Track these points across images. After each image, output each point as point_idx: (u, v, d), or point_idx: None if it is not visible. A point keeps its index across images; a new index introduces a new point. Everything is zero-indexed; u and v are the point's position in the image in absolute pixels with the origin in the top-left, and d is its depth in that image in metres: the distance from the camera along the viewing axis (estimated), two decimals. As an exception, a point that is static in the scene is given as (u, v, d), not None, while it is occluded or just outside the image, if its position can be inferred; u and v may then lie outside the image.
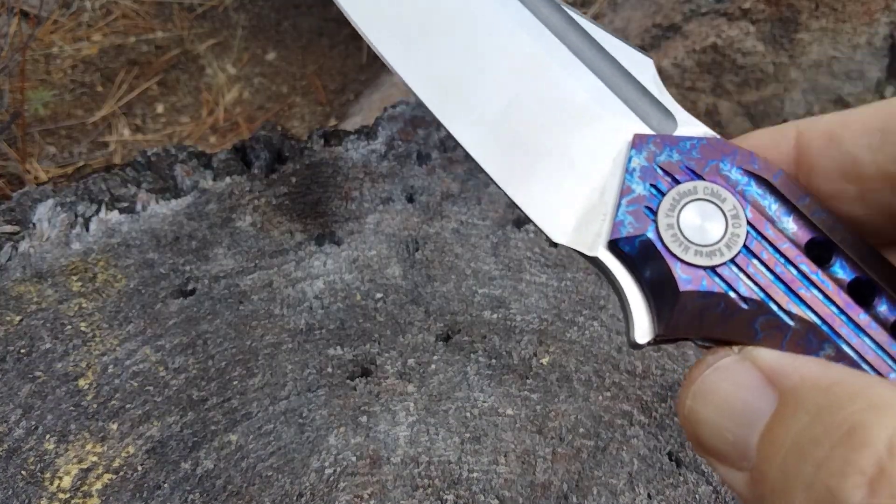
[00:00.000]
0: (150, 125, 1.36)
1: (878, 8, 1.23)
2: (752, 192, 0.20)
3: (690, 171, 0.20)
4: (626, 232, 0.20)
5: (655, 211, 0.20)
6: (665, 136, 0.21)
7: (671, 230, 0.20)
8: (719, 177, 0.20)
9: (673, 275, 0.20)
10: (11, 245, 0.56)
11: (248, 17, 1.52)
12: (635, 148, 0.21)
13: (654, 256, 0.20)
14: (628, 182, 0.21)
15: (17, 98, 1.19)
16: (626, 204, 0.21)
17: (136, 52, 1.42)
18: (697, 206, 0.20)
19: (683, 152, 0.21)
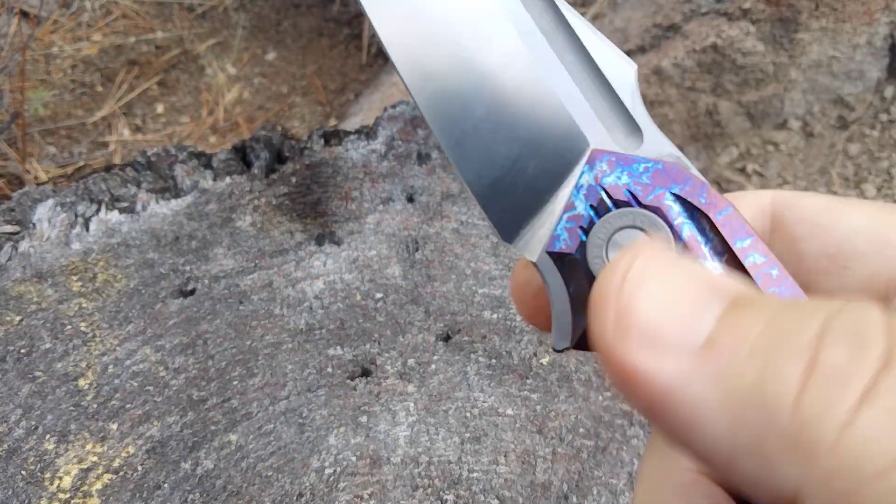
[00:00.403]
0: (150, 125, 1.36)
1: (877, 8, 1.23)
2: (689, 226, 0.20)
3: (633, 197, 0.21)
4: (558, 247, 0.21)
5: (587, 231, 0.21)
6: (620, 156, 0.21)
7: (597, 251, 0.20)
8: (661, 205, 0.20)
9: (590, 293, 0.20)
10: (11, 245, 0.56)
11: (248, 17, 1.52)
12: (588, 164, 0.21)
13: (578, 275, 0.21)
14: (573, 198, 0.21)
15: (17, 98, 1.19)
16: (566, 219, 0.21)
17: (136, 52, 1.42)
18: (630, 234, 0.20)
19: (634, 175, 0.21)
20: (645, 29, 1.25)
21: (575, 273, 0.21)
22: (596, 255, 0.20)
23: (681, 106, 1.28)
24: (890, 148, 1.26)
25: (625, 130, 0.22)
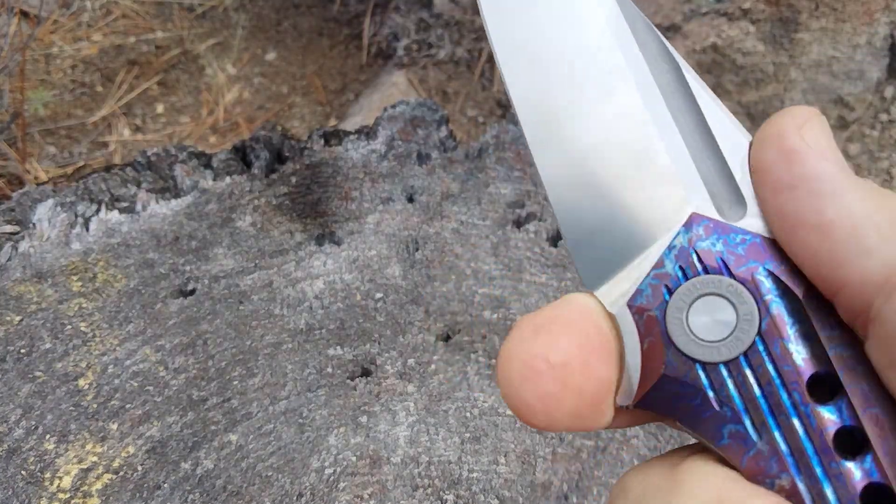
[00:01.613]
0: (150, 125, 1.36)
1: (877, 8, 1.23)
2: (778, 305, 0.20)
3: (724, 265, 0.20)
4: (639, 302, 0.21)
5: (672, 292, 0.20)
6: (719, 224, 0.21)
7: (678, 315, 0.20)
8: (753, 279, 0.20)
9: (663, 356, 0.20)
10: (11, 245, 0.56)
11: (248, 17, 1.52)
12: (685, 226, 0.21)
13: (654, 334, 0.20)
14: (664, 257, 0.21)
15: (17, 98, 1.19)
16: (652, 276, 0.21)
17: (136, 52, 1.42)
18: (714, 301, 0.20)
19: (729, 245, 0.20)
20: (645, 29, 1.24)
21: (650, 331, 0.20)
22: (676, 316, 0.20)
23: (681, 106, 1.28)
24: (890, 148, 1.26)
25: (729, 200, 0.21)
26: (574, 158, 0.22)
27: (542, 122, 0.23)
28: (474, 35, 1.37)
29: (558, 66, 0.23)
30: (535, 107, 0.23)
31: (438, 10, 1.37)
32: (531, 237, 0.58)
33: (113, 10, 1.45)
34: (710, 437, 0.20)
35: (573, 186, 0.22)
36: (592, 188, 0.22)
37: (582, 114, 0.22)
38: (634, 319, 0.21)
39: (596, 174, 0.22)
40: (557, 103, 0.23)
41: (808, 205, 0.19)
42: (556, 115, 0.22)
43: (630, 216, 0.22)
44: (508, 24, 0.23)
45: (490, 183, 0.61)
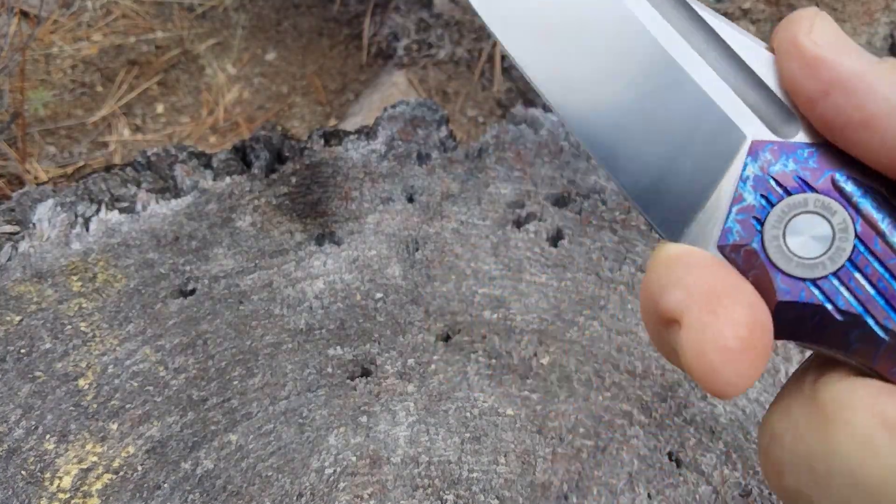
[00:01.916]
0: (150, 125, 1.36)
1: (877, 8, 1.23)
2: (865, 204, 0.20)
3: (803, 183, 0.20)
4: (732, 240, 0.21)
5: (763, 222, 0.20)
6: (782, 144, 0.21)
7: (776, 242, 0.20)
8: (833, 188, 0.20)
9: (772, 285, 0.20)
10: (11, 245, 0.56)
11: (248, 17, 1.52)
12: (751, 155, 0.21)
13: (757, 266, 0.20)
14: (741, 190, 0.21)
15: (17, 98, 1.19)
16: (735, 212, 0.21)
17: (136, 52, 1.42)
18: (806, 219, 0.20)
19: (800, 161, 0.21)
20: (645, 29, 1.24)
21: (752, 264, 0.20)
22: (774, 244, 0.20)
23: (681, 106, 1.28)
24: (890, 148, 1.26)
25: (780, 118, 0.22)
26: (615, 120, 0.22)
27: (570, 95, 0.22)
28: (474, 35, 1.37)
29: (567, 34, 0.23)
30: (558, 82, 0.23)
31: (438, 10, 1.37)
32: (531, 237, 0.58)
33: (113, 10, 1.45)
34: (838, 347, 0.20)
35: (623, 146, 0.22)
36: (643, 144, 0.22)
37: (607, 77, 0.22)
38: (731, 258, 0.21)
39: (641, 129, 0.22)
40: (581, 72, 0.22)
41: (847, 106, 0.19)
42: (582, 84, 0.22)
43: (689, 159, 0.22)
44: (503, 7, 0.23)
45: (490, 183, 0.61)
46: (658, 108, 0.22)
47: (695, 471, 0.48)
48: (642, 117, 0.22)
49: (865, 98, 0.19)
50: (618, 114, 0.22)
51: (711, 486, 0.48)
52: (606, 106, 0.22)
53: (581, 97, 0.22)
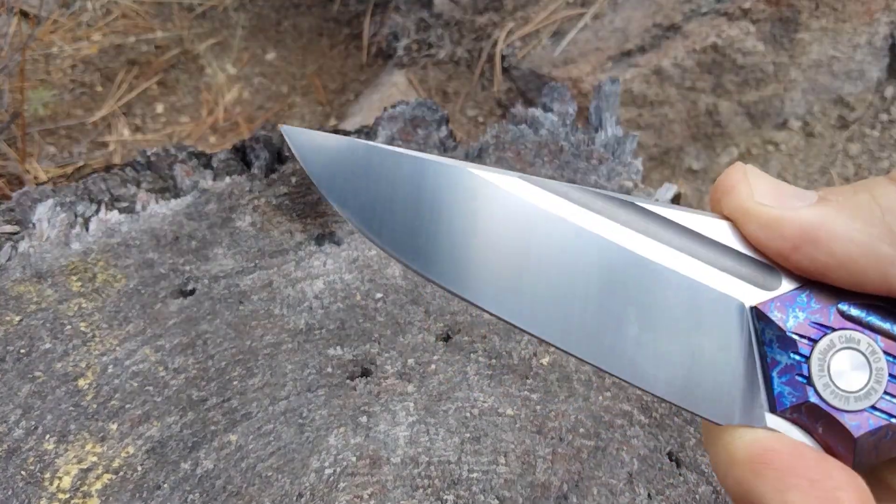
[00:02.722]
0: (150, 125, 1.36)
1: (878, 8, 1.23)
2: (874, 321, 0.22)
3: (820, 326, 0.22)
4: (789, 403, 0.22)
5: (808, 376, 0.22)
6: (783, 298, 0.22)
7: (829, 389, 0.22)
8: (844, 319, 0.22)
9: (844, 427, 0.21)
10: (11, 245, 0.56)
11: (248, 17, 1.52)
12: (762, 320, 0.22)
13: (822, 416, 0.22)
14: (770, 354, 0.22)
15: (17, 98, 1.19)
16: (778, 376, 0.22)
17: (136, 52, 1.42)
18: (840, 357, 0.22)
19: (804, 308, 0.22)
20: (645, 29, 1.25)
21: (816, 416, 0.22)
22: (829, 391, 0.22)
23: (681, 106, 1.28)
24: (890, 148, 1.26)
25: (762, 275, 0.23)
26: (620, 337, 0.23)
27: (577, 337, 0.23)
28: (474, 35, 1.37)
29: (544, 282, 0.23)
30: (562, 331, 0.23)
31: (438, 10, 1.37)
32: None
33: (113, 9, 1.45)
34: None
35: (640, 358, 0.23)
36: (658, 349, 0.23)
37: (593, 302, 0.23)
38: (793, 418, 0.22)
39: (649, 334, 0.23)
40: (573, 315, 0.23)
41: (818, 254, 0.21)
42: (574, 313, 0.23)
43: (704, 344, 0.22)
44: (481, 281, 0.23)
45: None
46: (654, 307, 0.23)
47: (695, 471, 0.48)
48: (644, 323, 0.22)
49: (831, 245, 0.21)
50: (618, 327, 0.22)
51: (711, 486, 0.48)
52: (604, 325, 0.23)
53: (579, 324, 0.23)
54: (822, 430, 0.22)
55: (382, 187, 0.23)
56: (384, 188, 0.23)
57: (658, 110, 1.28)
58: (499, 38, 1.33)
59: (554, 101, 0.71)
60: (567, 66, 1.27)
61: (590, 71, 1.25)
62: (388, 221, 0.23)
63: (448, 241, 0.23)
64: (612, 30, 1.27)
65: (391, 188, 0.23)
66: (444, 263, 0.23)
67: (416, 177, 0.23)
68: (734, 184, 0.22)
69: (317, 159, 0.24)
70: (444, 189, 0.23)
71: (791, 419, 0.22)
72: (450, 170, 0.23)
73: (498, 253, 0.23)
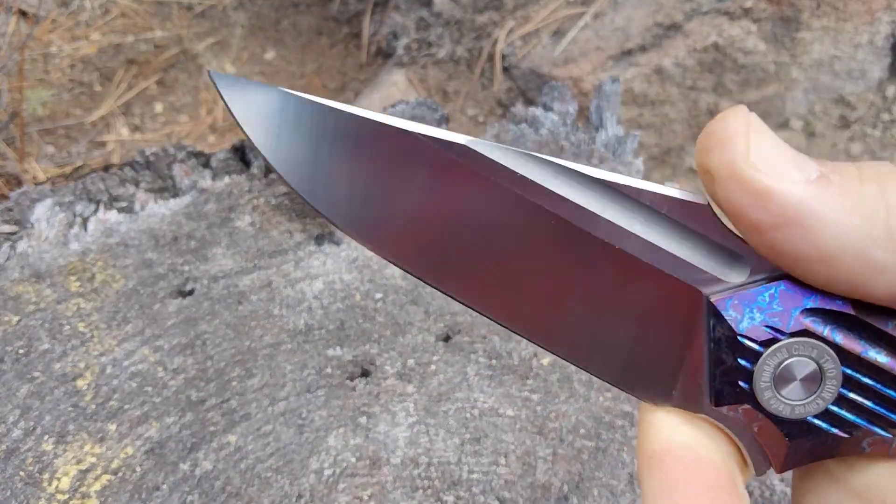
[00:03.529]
0: (149, 124, 1.36)
1: (879, 7, 1.23)
2: (837, 331, 0.20)
3: (775, 331, 0.20)
4: (726, 402, 0.21)
5: (751, 382, 0.20)
6: (741, 295, 0.20)
7: (772, 398, 0.20)
8: (805, 326, 0.20)
9: (779, 432, 0.20)
10: (10, 245, 0.56)
11: (248, 16, 1.52)
12: (715, 316, 0.20)
13: (758, 420, 0.20)
14: (716, 352, 0.21)
15: (16, 97, 1.19)
16: (720, 375, 0.21)
17: (135, 52, 1.42)
18: (791, 364, 0.20)
19: (764, 308, 0.20)
20: (646, 28, 1.24)
21: (752, 418, 0.21)
22: (771, 400, 0.20)
23: (682, 105, 1.28)
24: (892, 147, 1.26)
25: (726, 262, 0.21)
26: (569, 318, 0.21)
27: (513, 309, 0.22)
28: (474, 34, 1.36)
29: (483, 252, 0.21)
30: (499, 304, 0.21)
31: (438, 9, 1.37)
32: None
33: (111, 9, 1.44)
34: (851, 453, 0.21)
35: (585, 339, 0.21)
36: (601, 327, 0.21)
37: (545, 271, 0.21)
38: (729, 416, 0.21)
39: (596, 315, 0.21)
40: (531, 295, 0.21)
41: (801, 240, 0.18)
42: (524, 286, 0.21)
43: (650, 331, 0.21)
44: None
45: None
46: (606, 290, 0.21)
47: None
48: (593, 303, 0.21)
49: (819, 234, 0.18)
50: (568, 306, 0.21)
51: (712, 487, 0.48)
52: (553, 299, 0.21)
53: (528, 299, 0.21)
54: (756, 430, 0.21)
55: (318, 145, 0.21)
56: (319, 146, 0.21)
57: (659, 110, 1.28)
58: (499, 37, 1.33)
59: (554, 101, 0.71)
60: (568, 66, 1.26)
61: (590, 70, 1.25)
62: (325, 183, 0.21)
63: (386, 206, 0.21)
64: (613, 29, 1.27)
65: (326, 146, 0.21)
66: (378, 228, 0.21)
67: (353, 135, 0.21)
68: (731, 135, 0.19)
69: (251, 111, 0.22)
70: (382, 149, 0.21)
71: (726, 416, 0.21)
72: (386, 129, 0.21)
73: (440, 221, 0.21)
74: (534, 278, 0.21)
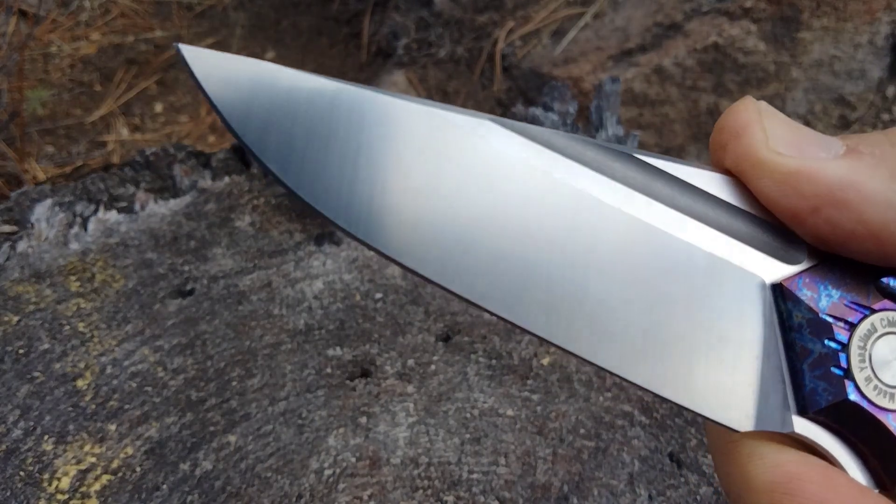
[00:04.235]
0: (149, 124, 1.36)
1: (879, 7, 1.23)
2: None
3: (858, 306, 0.18)
4: (824, 402, 0.18)
5: (846, 368, 0.18)
6: (813, 273, 0.18)
7: (871, 383, 0.18)
8: (884, 298, 0.18)
9: (890, 430, 0.18)
10: (10, 245, 0.56)
11: (248, 16, 1.52)
12: (789, 300, 0.18)
13: (865, 417, 0.18)
14: (800, 342, 0.18)
15: (16, 97, 1.19)
16: (809, 369, 0.18)
17: (135, 51, 1.42)
18: (882, 344, 0.18)
19: (839, 283, 0.18)
20: (646, 28, 1.24)
21: (857, 418, 0.18)
22: (872, 387, 0.17)
23: (682, 105, 1.28)
24: (891, 147, 1.26)
25: (783, 245, 0.18)
26: (621, 330, 0.18)
27: (555, 316, 0.18)
28: (474, 34, 1.36)
29: (522, 257, 0.17)
30: (536, 308, 0.18)
31: (438, 9, 1.37)
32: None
33: (112, 8, 1.44)
34: None
35: (643, 356, 0.18)
36: (661, 340, 0.18)
37: (589, 276, 0.17)
38: (826, 422, 0.18)
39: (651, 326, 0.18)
40: (557, 291, 0.18)
41: (844, 220, 0.17)
42: (563, 301, 0.18)
43: (715, 333, 0.18)
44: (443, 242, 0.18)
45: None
46: (659, 284, 0.18)
47: (696, 472, 0.48)
48: (645, 306, 0.18)
49: (863, 209, 0.16)
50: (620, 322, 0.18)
51: (712, 487, 0.48)
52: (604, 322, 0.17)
53: (574, 323, 0.18)
54: (862, 436, 0.18)
55: (303, 123, 0.18)
56: (305, 124, 0.18)
57: (659, 109, 1.28)
58: (499, 36, 1.33)
59: (554, 101, 0.71)
60: (568, 65, 1.26)
61: (590, 70, 1.25)
62: (312, 168, 0.18)
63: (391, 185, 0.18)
64: (613, 29, 1.27)
65: (311, 124, 0.18)
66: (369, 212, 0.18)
67: (351, 112, 0.18)
68: (745, 125, 0.17)
69: (226, 89, 0.18)
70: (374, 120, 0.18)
71: (823, 423, 0.18)
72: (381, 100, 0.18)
73: (455, 203, 0.18)
74: (577, 274, 0.18)
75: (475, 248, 0.18)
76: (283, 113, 0.19)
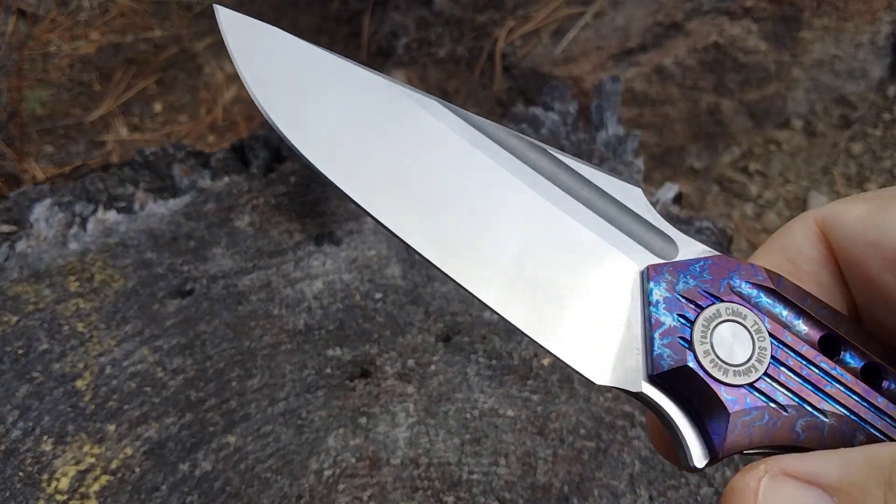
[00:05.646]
0: (148, 124, 1.36)
1: (880, 6, 1.22)
2: (763, 302, 0.22)
3: (709, 295, 0.22)
4: (667, 365, 0.21)
5: (690, 340, 0.21)
6: (676, 264, 0.22)
7: (709, 356, 0.21)
8: (734, 294, 0.22)
9: (720, 399, 0.21)
10: (8, 245, 0.56)
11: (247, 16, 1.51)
12: (652, 280, 0.22)
13: (698, 384, 0.21)
14: (655, 314, 0.22)
15: (15, 97, 1.19)
16: (659, 337, 0.21)
17: (134, 51, 1.42)
18: (724, 328, 0.21)
19: (696, 276, 0.22)
20: (646, 27, 1.24)
21: (692, 385, 0.21)
22: (709, 359, 0.21)
23: (683, 105, 1.28)
24: (892, 147, 1.26)
25: (659, 243, 0.23)
26: (509, 276, 0.22)
27: (457, 257, 0.22)
28: (474, 33, 1.36)
29: (444, 198, 0.23)
30: (441, 246, 0.22)
31: (438, 9, 1.37)
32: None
33: (111, 8, 1.44)
34: (788, 440, 0.21)
35: (523, 302, 0.22)
36: (541, 293, 0.22)
37: (490, 232, 0.22)
38: (668, 385, 0.21)
39: (536, 279, 0.22)
40: (463, 234, 0.22)
41: None
42: (466, 244, 0.22)
43: (589, 299, 0.22)
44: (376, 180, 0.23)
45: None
46: (546, 250, 0.22)
47: (696, 472, 0.48)
48: (535, 267, 0.22)
49: None
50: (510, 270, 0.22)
51: (713, 487, 0.48)
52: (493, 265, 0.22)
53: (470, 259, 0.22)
54: (697, 402, 0.21)
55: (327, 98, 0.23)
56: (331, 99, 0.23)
57: (659, 109, 1.28)
58: (499, 36, 1.33)
59: (555, 100, 0.71)
60: (568, 65, 1.26)
61: (591, 69, 1.24)
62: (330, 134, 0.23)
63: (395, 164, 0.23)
64: (614, 28, 1.26)
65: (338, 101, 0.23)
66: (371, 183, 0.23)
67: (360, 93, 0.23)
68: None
69: (255, 56, 0.23)
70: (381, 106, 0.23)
71: (667, 388, 0.21)
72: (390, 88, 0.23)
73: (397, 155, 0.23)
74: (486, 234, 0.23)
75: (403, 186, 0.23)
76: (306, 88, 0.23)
